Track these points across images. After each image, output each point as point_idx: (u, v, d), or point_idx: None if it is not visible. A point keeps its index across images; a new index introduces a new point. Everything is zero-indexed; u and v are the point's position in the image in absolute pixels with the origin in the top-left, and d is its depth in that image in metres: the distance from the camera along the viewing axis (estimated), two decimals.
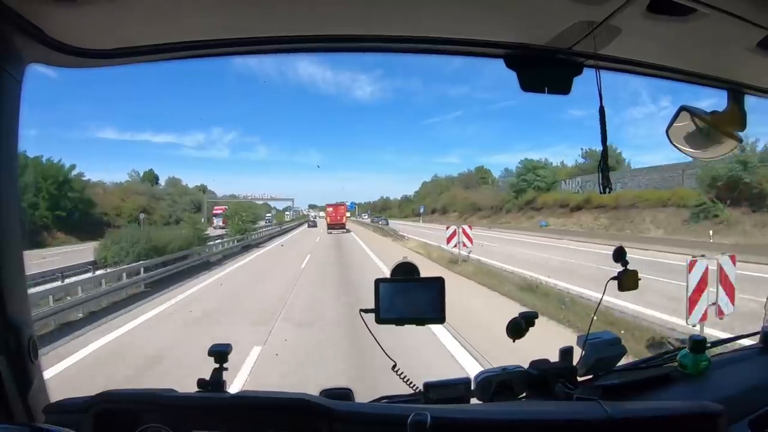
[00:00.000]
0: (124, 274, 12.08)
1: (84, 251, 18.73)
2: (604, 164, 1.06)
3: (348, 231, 40.42)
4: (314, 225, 58.56)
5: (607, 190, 1.06)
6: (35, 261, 15.27)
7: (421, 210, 66.12)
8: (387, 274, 1.05)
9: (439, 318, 0.99)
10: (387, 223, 58.52)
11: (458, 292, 8.91)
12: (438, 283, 1.00)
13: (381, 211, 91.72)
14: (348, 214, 49.85)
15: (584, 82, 1.06)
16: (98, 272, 13.37)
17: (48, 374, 1.08)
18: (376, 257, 17.77)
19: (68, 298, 9.46)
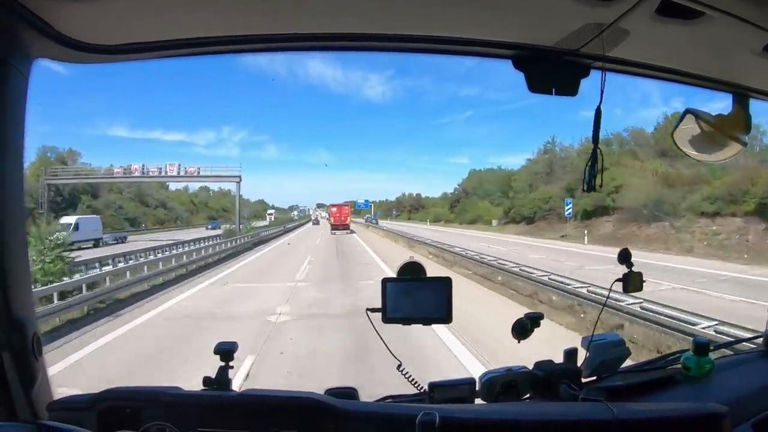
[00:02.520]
0: None
1: None
2: (593, 163, 1.06)
3: (352, 232, 39.26)
4: (317, 223, 63.42)
5: (592, 188, 1.06)
6: None
7: (567, 209, 30.23)
8: None
9: (446, 318, 0.99)
10: (377, 223, 58.78)
11: None
12: (445, 283, 1.00)
13: (412, 212, 77.42)
14: (350, 217, 48.82)
15: (595, 82, 1.04)
16: None
17: None
18: None
19: None
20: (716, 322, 6.03)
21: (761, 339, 1.34)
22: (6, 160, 0.93)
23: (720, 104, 1.24)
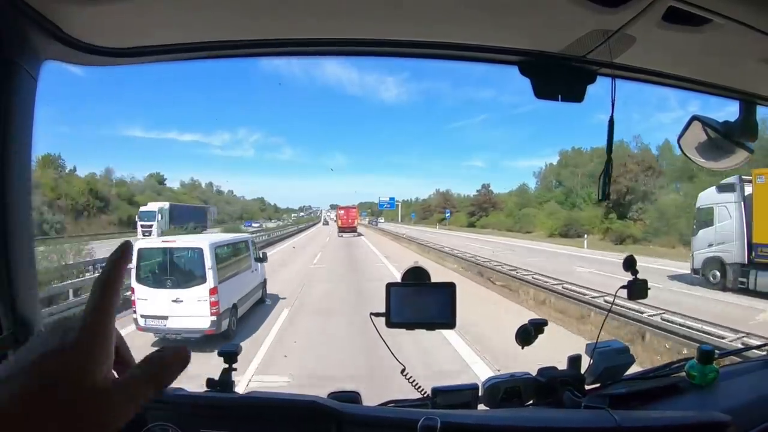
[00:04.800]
0: None
1: None
2: (606, 173, 1.06)
3: (359, 234, 38.21)
4: (326, 223, 62.50)
5: (605, 197, 1.05)
6: None
7: None
8: None
9: (450, 323, 0.99)
10: (377, 224, 56.13)
11: None
12: (449, 289, 0.99)
13: (477, 215, 50.56)
14: (359, 218, 47.64)
15: (600, 88, 1.03)
16: None
17: None
18: None
19: None
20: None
21: (767, 348, 1.33)
22: (14, 160, 0.94)
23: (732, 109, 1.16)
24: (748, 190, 11.58)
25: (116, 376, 0.40)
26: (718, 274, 12.03)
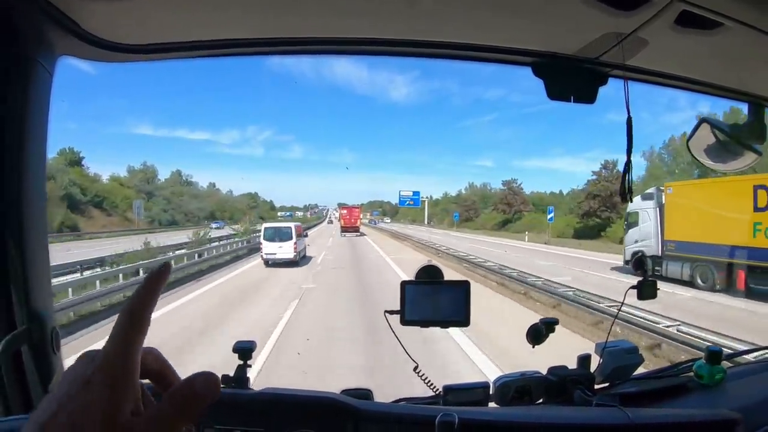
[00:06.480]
0: None
1: None
2: (628, 173, 1.05)
3: (362, 234, 37.93)
4: (331, 222, 63.62)
5: (628, 197, 1.06)
6: None
7: None
8: None
9: (464, 321, 0.99)
10: (376, 224, 55.71)
11: None
12: (463, 287, 1.00)
13: (596, 216, 35.80)
14: (363, 217, 47.57)
15: (617, 88, 1.03)
16: None
17: None
18: None
19: None
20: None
21: None
22: (29, 154, 0.94)
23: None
24: (664, 198, 14.23)
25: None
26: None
